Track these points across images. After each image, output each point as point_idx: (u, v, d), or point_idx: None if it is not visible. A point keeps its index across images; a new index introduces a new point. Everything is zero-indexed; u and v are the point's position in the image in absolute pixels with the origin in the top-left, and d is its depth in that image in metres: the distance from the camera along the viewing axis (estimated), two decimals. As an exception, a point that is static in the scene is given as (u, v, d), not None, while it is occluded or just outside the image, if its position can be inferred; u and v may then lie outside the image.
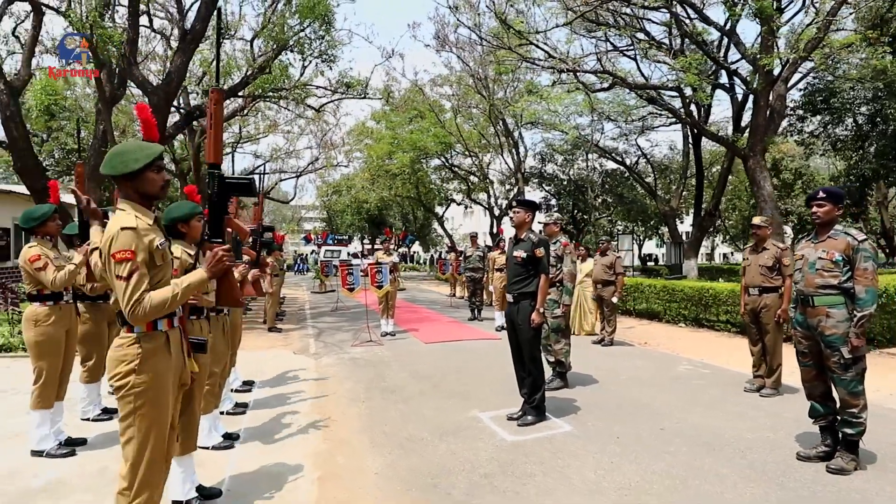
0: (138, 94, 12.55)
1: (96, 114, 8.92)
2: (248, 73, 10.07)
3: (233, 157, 21.37)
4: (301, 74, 11.39)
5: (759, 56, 10.17)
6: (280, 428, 4.35)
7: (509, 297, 4.37)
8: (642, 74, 16.35)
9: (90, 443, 3.92)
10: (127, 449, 2.16)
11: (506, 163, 24.79)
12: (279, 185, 24.14)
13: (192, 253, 2.98)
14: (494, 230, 26.69)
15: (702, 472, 3.39)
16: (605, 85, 12.92)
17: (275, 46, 10.03)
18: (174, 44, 9.13)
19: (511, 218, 4.42)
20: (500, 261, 9.48)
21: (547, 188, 30.19)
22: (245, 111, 16.08)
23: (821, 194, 3.52)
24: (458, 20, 12.29)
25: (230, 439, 4.00)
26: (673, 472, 3.38)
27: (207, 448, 3.77)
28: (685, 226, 28.30)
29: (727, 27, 11.60)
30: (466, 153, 24.38)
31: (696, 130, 15.53)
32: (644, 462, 3.55)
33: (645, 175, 27.39)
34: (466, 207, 33.29)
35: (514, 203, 4.39)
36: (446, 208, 32.36)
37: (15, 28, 8.33)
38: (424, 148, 22.17)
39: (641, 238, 41.36)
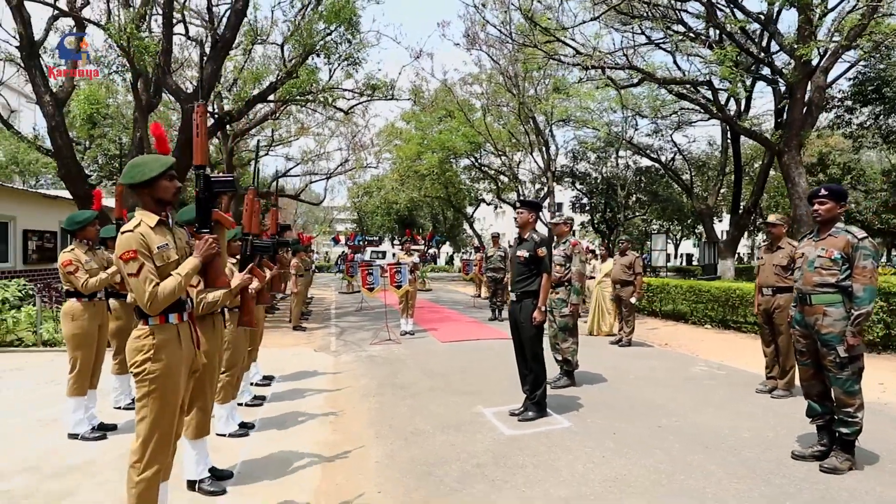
0: (173, 102, 13.18)
1: (134, 122, 9.45)
2: (277, 79, 10.45)
3: (242, 158, 21.97)
4: (330, 78, 11.73)
5: (795, 46, 9.88)
6: (293, 419, 4.59)
7: (512, 296, 4.50)
8: (679, 68, 16.07)
9: (120, 428, 4.24)
10: (140, 426, 2.41)
11: (535, 162, 24.71)
12: (309, 188, 24.66)
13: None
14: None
15: (690, 467, 3.44)
16: (635, 80, 12.78)
17: (302, 51, 10.38)
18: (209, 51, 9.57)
19: (515, 218, 4.53)
20: (518, 260, 9.55)
21: (579, 187, 29.94)
22: (276, 115, 16.63)
23: (822, 192, 3.52)
24: (484, 18, 12.36)
25: (245, 428, 4.27)
26: (661, 467, 3.45)
27: (224, 435, 4.05)
28: (724, 224, 27.57)
29: (766, 16, 11.31)
30: (495, 153, 24.39)
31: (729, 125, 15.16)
32: (634, 457, 3.62)
33: (681, 172, 26.76)
34: (497, 207, 33.29)
35: (517, 204, 4.50)
36: (476, 208, 32.44)
37: (60, 42, 8.91)
38: (453, 148, 22.32)
39: (678, 237, 40.48)
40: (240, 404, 4.88)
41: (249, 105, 10.47)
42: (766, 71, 13.41)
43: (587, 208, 30.74)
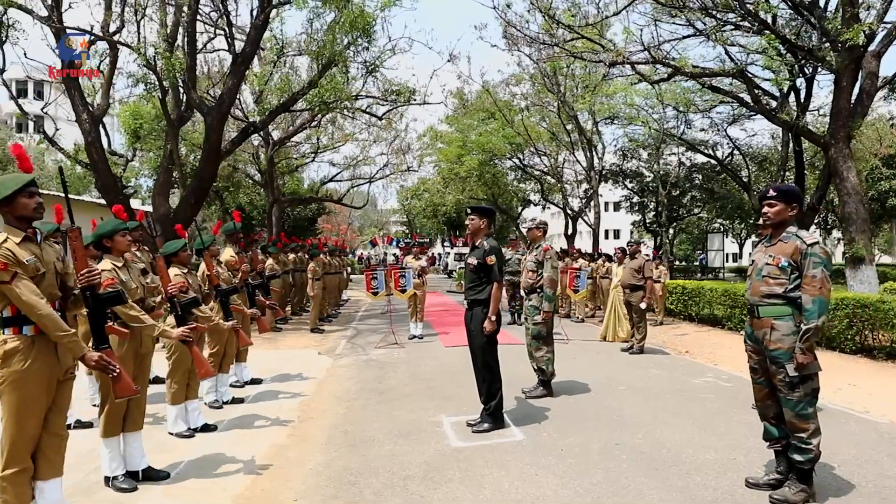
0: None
1: (165, 135, 10.05)
2: (297, 90, 10.79)
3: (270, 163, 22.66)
4: (347, 85, 11.97)
5: (839, 30, 9.04)
6: (257, 422, 4.72)
7: (465, 303, 4.39)
8: (731, 59, 15.07)
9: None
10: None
11: (578, 162, 24.04)
12: (352, 192, 25.26)
13: (120, 265, 3.37)
14: (570, 231, 25.98)
15: (624, 490, 3.22)
16: (665, 75, 12.14)
17: (322, 62, 10.65)
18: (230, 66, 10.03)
19: (467, 225, 4.42)
20: (531, 264, 9.32)
21: (630, 185, 28.83)
22: (314, 123, 17.19)
23: (771, 192, 3.18)
24: (504, 19, 12.17)
25: (207, 430, 4.42)
26: (594, 488, 3.25)
27: (173, 434, 4.22)
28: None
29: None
30: (537, 153, 23.98)
31: (781, 119, 14.02)
32: (570, 476, 3.43)
33: (740, 168, 25.14)
34: (544, 208, 32.66)
35: (467, 210, 4.39)
36: (521, 209, 32.01)
37: (100, 64, 9.65)
38: (493, 150, 22.13)
39: (742, 237, 38.02)
40: (217, 406, 5.10)
41: (272, 116, 10.88)
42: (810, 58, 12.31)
43: (637, 207, 29.53)
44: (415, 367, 6.79)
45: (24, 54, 8.72)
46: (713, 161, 24.42)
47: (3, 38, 8.49)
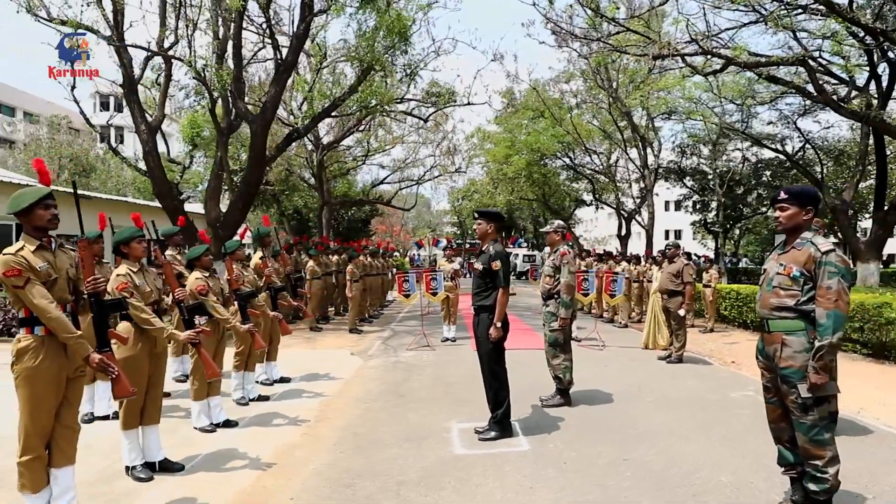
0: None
1: (216, 143, 10.59)
2: (338, 96, 11.07)
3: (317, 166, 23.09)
4: (389, 89, 12.14)
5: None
6: (276, 420, 4.88)
7: (473, 309, 4.35)
8: (800, 44, 14.02)
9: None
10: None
11: (631, 160, 23.22)
12: (401, 194, 25.59)
13: (136, 270, 3.58)
14: (623, 232, 25.16)
15: (618, 509, 3.07)
16: (718, 66, 11.50)
17: (361, 67, 10.88)
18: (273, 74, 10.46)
19: (475, 229, 4.38)
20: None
21: (689, 184, 27.53)
22: (361, 127, 17.58)
23: (782, 195, 2.93)
24: (545, 16, 11.91)
25: (228, 425, 4.63)
26: (586, 505, 3.13)
27: (196, 429, 4.44)
28: (867, 222, 23.63)
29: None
30: (587, 151, 23.38)
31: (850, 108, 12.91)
32: (566, 491, 3.33)
33: (813, 163, 23.44)
34: (597, 208, 31.80)
35: (475, 214, 4.35)
36: (573, 209, 31.30)
37: (157, 77, 10.31)
38: (541, 149, 21.78)
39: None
40: (243, 403, 5.32)
41: (315, 121, 11.22)
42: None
43: (698, 207, 28.14)
44: (440, 371, 6.79)
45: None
46: (782, 156, 22.88)
47: (74, 58, 9.21)
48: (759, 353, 3.06)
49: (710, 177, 26.44)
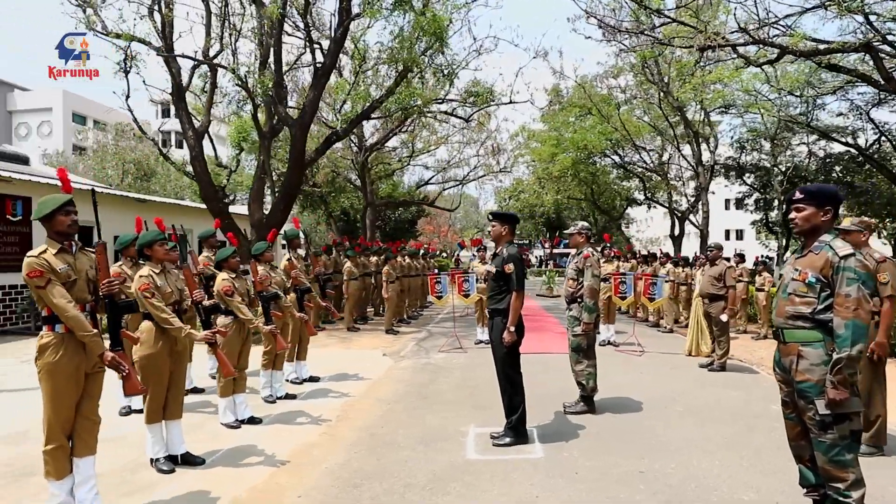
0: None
1: (259, 147, 10.98)
2: (376, 98, 11.23)
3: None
4: (428, 89, 12.20)
5: None
6: (299, 419, 5.00)
7: (487, 312, 4.29)
8: (872, 28, 12.97)
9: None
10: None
11: (684, 157, 22.28)
12: (445, 194, 25.66)
13: (157, 272, 3.75)
14: (676, 232, 24.19)
15: (622, 525, 2.95)
16: (772, 56, 10.84)
17: (397, 69, 10.99)
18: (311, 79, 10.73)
19: (489, 231, 4.32)
20: (604, 269, 8.82)
21: (750, 181, 26.12)
22: (403, 129, 17.76)
23: (797, 194, 2.72)
24: (585, 10, 11.59)
25: (252, 422, 4.79)
26: (589, 518, 3.02)
27: (223, 424, 4.62)
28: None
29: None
30: (636, 148, 22.63)
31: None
32: (574, 502, 3.23)
33: (889, 157, 21.74)
34: (649, 207, 30.73)
35: (489, 216, 4.30)
36: (624, 209, 30.38)
37: (205, 85, 10.80)
38: (588, 147, 21.26)
39: (896, 238, 32.72)
40: (271, 400, 5.49)
41: (353, 124, 11.43)
42: None
43: (760, 205, 26.64)
44: (468, 374, 6.76)
45: (143, 82, 9.96)
46: (853, 150, 21.34)
47: (128, 68, 9.80)
48: (776, 366, 2.86)
49: (774, 172, 25.01)
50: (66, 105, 37.01)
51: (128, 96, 9.94)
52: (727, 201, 45.92)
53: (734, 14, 9.34)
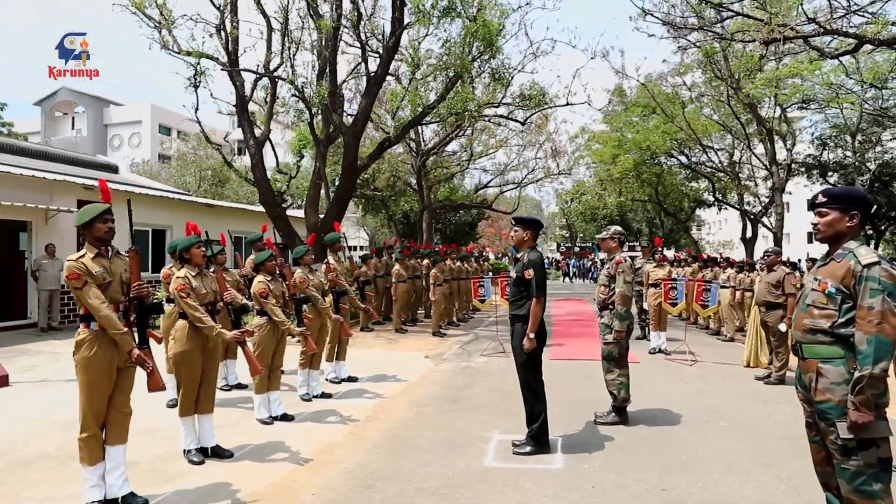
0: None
1: (315, 154, 11.43)
2: (428, 104, 11.39)
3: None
4: (484, 94, 12.22)
5: None
6: (329, 417, 5.16)
7: (509, 318, 4.25)
8: None
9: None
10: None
11: (756, 156, 20.89)
12: (503, 196, 25.51)
13: (194, 274, 4.00)
14: (748, 235, 22.72)
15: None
16: (850, 47, 9.96)
17: (448, 75, 11.10)
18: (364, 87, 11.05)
19: (511, 237, 4.27)
20: (654, 275, 8.46)
21: (834, 180, 24.08)
22: (460, 133, 17.87)
23: (820, 198, 2.50)
24: (641, 9, 11.11)
25: (285, 419, 5.00)
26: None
27: (257, 420, 4.87)
28: None
29: None
30: (703, 148, 21.48)
31: None
32: (580, 517, 3.12)
33: None
34: (720, 209, 29.07)
35: (512, 221, 4.27)
36: (692, 210, 28.89)
37: (266, 97, 11.41)
38: (650, 148, 20.44)
39: None
40: (307, 399, 5.71)
41: (405, 130, 11.65)
42: None
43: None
44: (504, 379, 6.69)
45: (211, 94, 10.66)
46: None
47: (197, 83, 10.53)
48: (798, 383, 2.64)
49: (860, 170, 22.93)
50: (153, 117, 40.26)
51: (196, 108, 10.65)
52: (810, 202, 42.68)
53: (801, 4, 8.66)
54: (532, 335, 3.99)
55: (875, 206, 21.91)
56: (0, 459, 4.05)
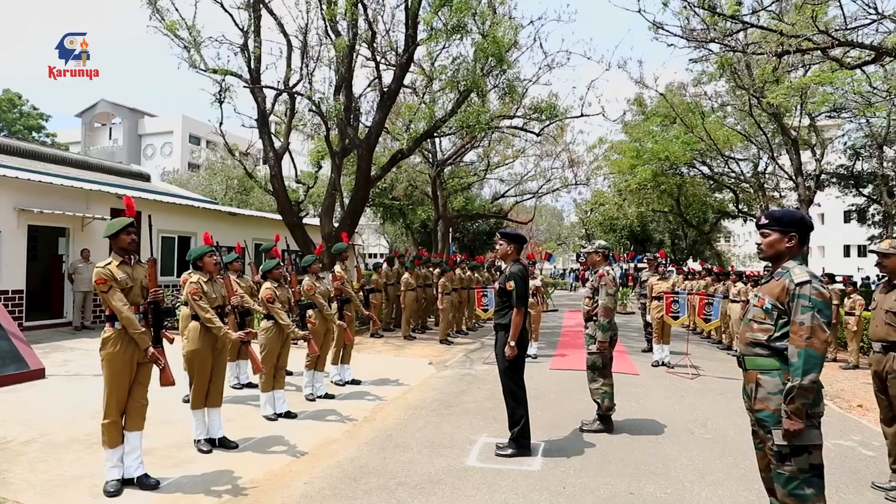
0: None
1: (331, 166, 11.86)
2: (440, 118, 11.72)
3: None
4: (486, 108, 12.48)
5: None
6: (329, 416, 5.46)
7: (493, 328, 4.48)
8: None
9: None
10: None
11: (780, 167, 20.57)
12: (519, 206, 25.65)
13: (206, 280, 4.36)
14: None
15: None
16: (868, 58, 9.88)
17: (459, 90, 11.42)
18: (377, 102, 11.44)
19: (496, 250, 4.51)
20: (658, 288, 8.55)
21: (867, 192, 23.49)
22: (476, 144, 18.15)
23: (762, 219, 2.69)
24: (653, 23, 11.24)
25: (289, 416, 5.32)
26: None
27: (263, 416, 5.21)
28: None
29: None
30: (724, 158, 21.27)
31: None
32: (545, 514, 3.33)
33: None
34: (745, 221, 28.61)
35: (497, 235, 4.51)
36: (715, 222, 28.50)
37: (286, 111, 11.91)
38: (669, 158, 20.36)
39: None
40: (311, 398, 6.02)
41: (417, 143, 11.99)
42: None
43: (878, 218, 23.79)
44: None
45: (234, 109, 11.21)
46: None
47: (222, 98, 11.08)
48: (743, 393, 2.81)
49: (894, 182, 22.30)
50: (184, 128, 41.75)
51: (221, 122, 11.19)
52: (847, 214, 41.41)
53: (814, 16, 8.66)
54: (513, 343, 4.21)
55: (814, 228, 21.30)
56: (37, 442, 4.49)
